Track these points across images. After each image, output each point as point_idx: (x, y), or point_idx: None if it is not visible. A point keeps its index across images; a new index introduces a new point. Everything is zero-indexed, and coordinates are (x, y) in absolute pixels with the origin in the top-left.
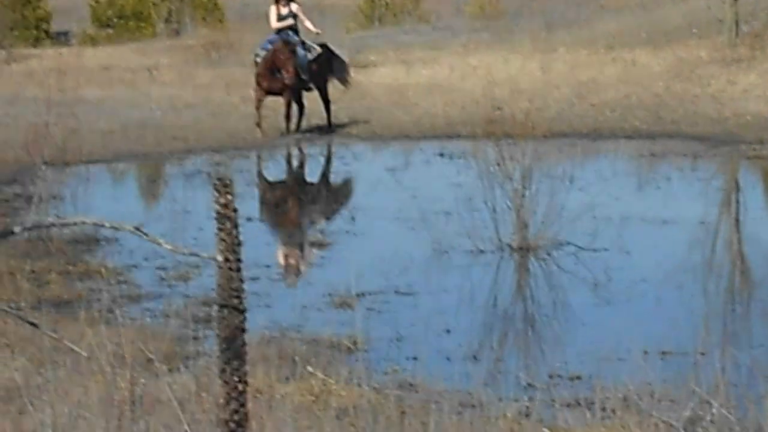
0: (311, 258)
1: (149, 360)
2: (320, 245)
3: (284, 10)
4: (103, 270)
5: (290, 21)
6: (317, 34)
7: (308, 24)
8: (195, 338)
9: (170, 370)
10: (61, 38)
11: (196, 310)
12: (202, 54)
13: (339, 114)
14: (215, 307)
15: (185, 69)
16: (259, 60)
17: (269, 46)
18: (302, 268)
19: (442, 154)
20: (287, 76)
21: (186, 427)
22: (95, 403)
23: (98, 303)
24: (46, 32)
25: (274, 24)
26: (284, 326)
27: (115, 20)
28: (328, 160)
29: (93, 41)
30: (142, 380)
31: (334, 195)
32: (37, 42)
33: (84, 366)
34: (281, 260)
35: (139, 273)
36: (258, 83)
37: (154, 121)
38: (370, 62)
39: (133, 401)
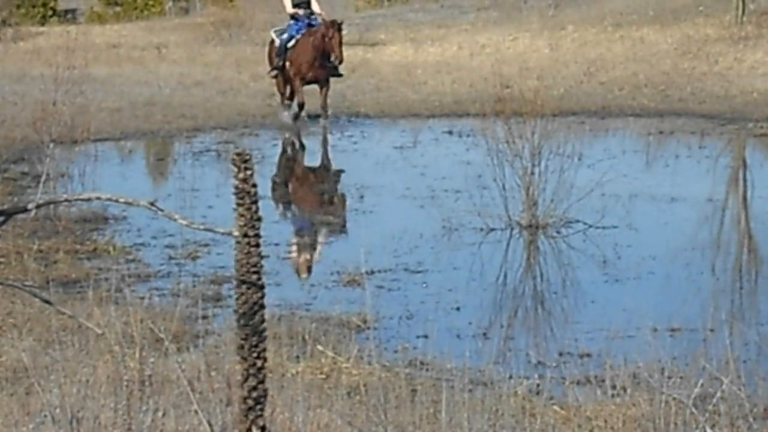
0: (320, 236)
1: (158, 339)
2: (329, 223)
3: None
4: (111, 249)
5: (306, 10)
6: (318, 14)
7: (315, 6)
8: (204, 317)
9: (179, 350)
10: (68, 16)
11: (205, 288)
12: (212, 32)
13: (348, 92)
14: (234, 283)
15: (194, 47)
16: (289, 47)
17: (298, 35)
18: (312, 246)
19: (450, 132)
20: (336, 57)
21: (195, 407)
22: (104, 383)
23: (107, 282)
24: (53, 10)
25: (290, 9)
26: (294, 305)
27: None
28: (338, 138)
29: (101, 19)
30: (151, 360)
31: (343, 173)
32: (44, 20)
33: (92, 346)
34: (292, 239)
35: (147, 252)
36: (300, 74)
37: (162, 98)
38: (379, 41)
39: (142, 381)
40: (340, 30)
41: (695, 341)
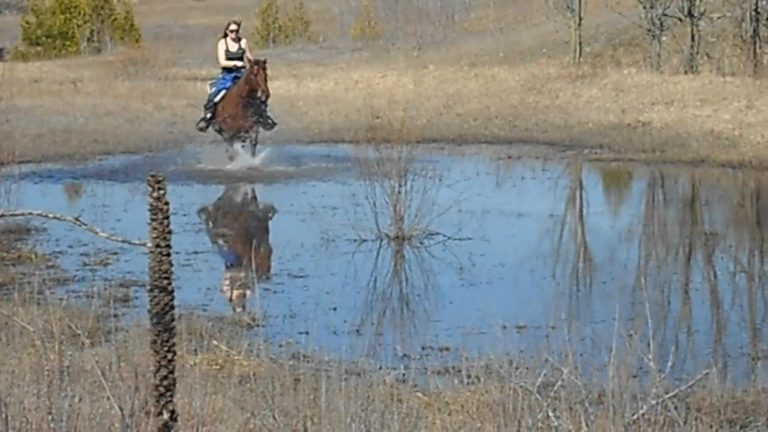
0: (215, 247)
1: (75, 335)
2: (222, 235)
3: (234, 46)
4: (33, 256)
5: (239, 63)
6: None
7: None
8: (115, 316)
9: (93, 344)
10: None
11: (115, 291)
12: (121, 68)
13: None
14: (148, 288)
15: (105, 81)
16: (216, 100)
17: (225, 88)
18: (209, 255)
19: (328, 156)
20: (263, 92)
21: (108, 393)
22: (27, 373)
23: (29, 285)
24: None
25: (223, 62)
26: (192, 305)
27: (43, 39)
28: (230, 162)
29: (24, 57)
30: (69, 352)
31: (234, 192)
32: None
33: (17, 340)
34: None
35: (65, 259)
36: (227, 125)
37: (78, 126)
38: None
39: (61, 371)
40: (264, 67)
41: (539, 337)
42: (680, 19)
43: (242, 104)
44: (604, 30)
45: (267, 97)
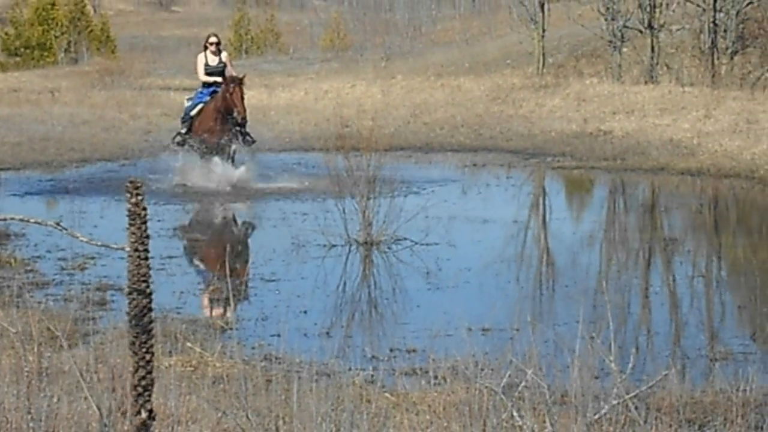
0: (189, 252)
1: (54, 337)
2: (196, 240)
3: (214, 59)
4: (12, 261)
5: (219, 78)
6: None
7: (230, 72)
8: (92, 318)
9: (71, 346)
10: None
11: (92, 294)
12: (97, 78)
13: None
14: (126, 290)
15: (82, 91)
16: (192, 114)
17: (202, 102)
18: (183, 259)
19: (299, 164)
20: (239, 113)
21: (86, 393)
22: (7, 374)
23: (9, 289)
24: None
25: (202, 76)
26: (167, 308)
27: (22, 50)
28: (205, 170)
29: (3, 67)
30: (48, 354)
31: (207, 199)
32: None
33: None
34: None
35: (43, 263)
36: (203, 140)
37: (55, 134)
38: None
39: (40, 372)
40: (241, 84)
41: (503, 339)
42: (640, 31)
43: (219, 119)
44: (567, 41)
45: (243, 117)
